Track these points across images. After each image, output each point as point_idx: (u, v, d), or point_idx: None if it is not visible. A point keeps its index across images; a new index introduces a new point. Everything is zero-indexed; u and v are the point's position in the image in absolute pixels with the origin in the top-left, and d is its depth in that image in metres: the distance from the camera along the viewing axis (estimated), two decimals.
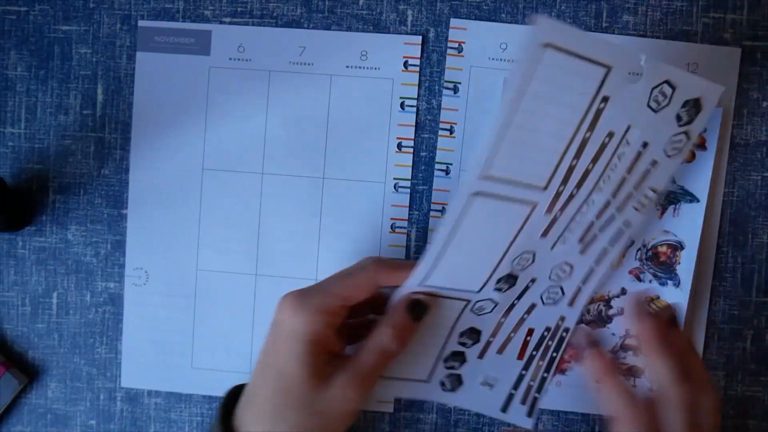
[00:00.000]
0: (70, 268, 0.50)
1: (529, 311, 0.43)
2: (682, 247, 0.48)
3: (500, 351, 0.44)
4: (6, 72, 0.49)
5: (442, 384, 0.44)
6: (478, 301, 0.41)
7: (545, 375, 0.45)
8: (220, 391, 0.50)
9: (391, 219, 0.49)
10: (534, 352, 0.45)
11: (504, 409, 0.45)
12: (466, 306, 0.41)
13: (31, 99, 0.49)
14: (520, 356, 0.45)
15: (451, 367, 0.44)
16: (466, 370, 0.44)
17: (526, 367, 0.45)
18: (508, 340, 0.44)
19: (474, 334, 0.43)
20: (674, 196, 0.47)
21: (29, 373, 0.50)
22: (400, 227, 0.49)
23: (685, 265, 0.47)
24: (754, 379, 0.49)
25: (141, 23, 0.49)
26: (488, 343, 0.43)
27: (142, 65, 0.49)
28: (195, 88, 0.49)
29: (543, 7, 0.48)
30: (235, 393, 0.41)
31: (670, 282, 0.48)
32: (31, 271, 0.50)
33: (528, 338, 0.44)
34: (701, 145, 0.47)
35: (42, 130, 0.49)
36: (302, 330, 0.37)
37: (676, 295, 0.48)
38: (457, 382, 0.44)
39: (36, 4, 0.49)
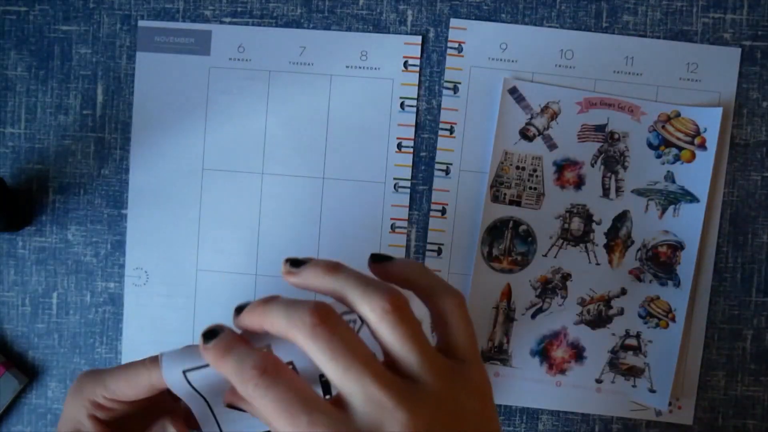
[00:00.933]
0: (70, 268, 0.50)
1: None
2: (682, 247, 0.48)
3: None
4: (6, 72, 0.49)
5: None
6: None
7: None
8: None
9: (391, 219, 0.49)
10: None
11: None
12: None
13: (31, 99, 0.49)
14: None
15: None
16: None
17: None
18: None
19: None
20: (674, 197, 0.47)
21: (29, 373, 0.50)
22: (400, 227, 0.49)
23: (685, 265, 0.47)
24: (754, 379, 0.49)
25: (141, 23, 0.49)
26: None
27: (142, 65, 0.49)
28: (195, 88, 0.49)
29: (543, 7, 0.48)
30: None
31: (670, 282, 0.48)
32: (31, 271, 0.50)
33: None
34: (701, 145, 0.47)
35: (42, 130, 0.49)
36: (64, 415, 0.34)
37: (677, 296, 0.48)
38: None
39: (36, 4, 0.49)
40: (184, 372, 0.32)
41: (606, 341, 0.48)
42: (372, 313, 0.28)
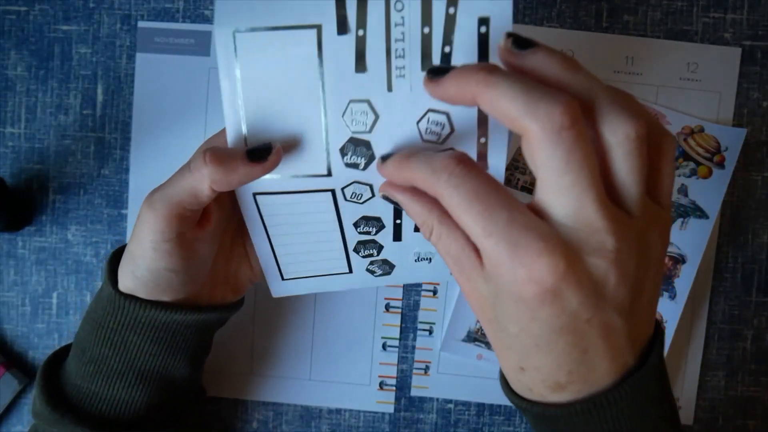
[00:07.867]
0: (70, 268, 0.50)
1: None
2: (683, 261, 0.47)
3: (417, 230, 0.39)
4: (6, 72, 0.49)
5: (371, 272, 0.41)
6: (344, 188, 0.35)
7: None
8: (218, 390, 0.50)
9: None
10: None
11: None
12: (334, 196, 0.36)
13: (31, 99, 0.49)
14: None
15: (370, 255, 0.40)
16: (389, 253, 0.40)
17: None
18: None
19: (372, 221, 0.38)
20: (684, 210, 0.47)
21: (29, 373, 0.50)
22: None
23: (684, 279, 0.47)
24: (754, 379, 0.49)
25: (141, 24, 0.49)
26: (397, 226, 0.39)
27: (142, 65, 0.49)
28: (195, 88, 0.49)
29: (543, 7, 0.48)
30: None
31: (665, 293, 0.48)
32: (31, 271, 0.50)
33: None
34: (719, 164, 0.47)
35: (42, 130, 0.49)
36: (138, 232, 0.35)
37: (670, 308, 0.47)
38: (386, 265, 0.41)
39: (36, 4, 0.49)
40: (254, 195, 0.35)
41: None
42: (542, 128, 0.25)
